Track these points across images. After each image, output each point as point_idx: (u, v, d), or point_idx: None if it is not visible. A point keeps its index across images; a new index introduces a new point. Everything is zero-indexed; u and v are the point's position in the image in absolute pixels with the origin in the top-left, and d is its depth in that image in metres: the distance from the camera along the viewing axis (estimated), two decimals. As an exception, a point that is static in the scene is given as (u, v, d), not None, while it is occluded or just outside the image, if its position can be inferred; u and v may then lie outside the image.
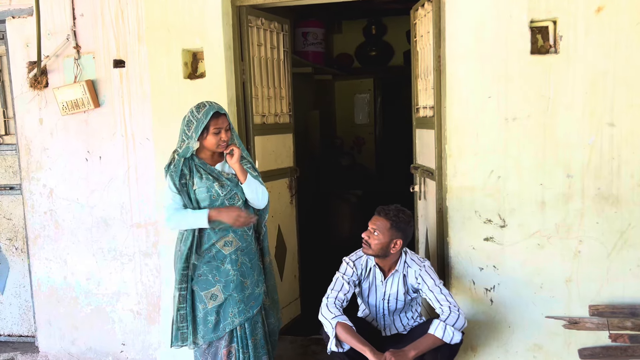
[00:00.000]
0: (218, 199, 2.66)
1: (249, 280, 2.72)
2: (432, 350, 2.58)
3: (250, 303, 2.72)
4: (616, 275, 2.80)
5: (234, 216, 2.61)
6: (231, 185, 2.67)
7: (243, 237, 2.72)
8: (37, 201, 3.57)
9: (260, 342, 2.77)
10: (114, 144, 3.40)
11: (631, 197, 2.75)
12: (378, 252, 2.70)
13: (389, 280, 2.78)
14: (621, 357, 2.81)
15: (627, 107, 2.70)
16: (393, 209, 2.70)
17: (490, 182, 2.87)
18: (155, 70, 3.25)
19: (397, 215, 2.67)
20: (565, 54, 2.73)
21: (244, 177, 2.65)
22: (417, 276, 2.71)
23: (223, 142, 2.63)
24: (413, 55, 3.47)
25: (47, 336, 3.67)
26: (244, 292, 2.70)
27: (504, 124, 2.82)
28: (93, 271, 3.53)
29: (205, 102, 2.64)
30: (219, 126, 2.60)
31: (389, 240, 2.67)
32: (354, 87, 7.11)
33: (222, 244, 2.69)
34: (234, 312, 2.68)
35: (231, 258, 2.69)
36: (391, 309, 2.82)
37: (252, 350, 2.72)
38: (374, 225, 2.69)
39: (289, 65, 3.77)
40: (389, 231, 2.66)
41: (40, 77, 3.42)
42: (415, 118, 3.48)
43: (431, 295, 2.65)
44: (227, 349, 2.72)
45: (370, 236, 2.69)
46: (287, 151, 3.76)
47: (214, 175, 2.67)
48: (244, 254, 2.73)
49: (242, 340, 2.72)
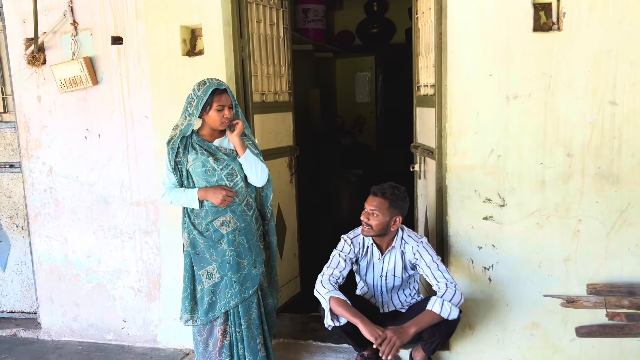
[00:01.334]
0: (214, 174, 2.65)
1: (245, 261, 2.73)
2: (430, 328, 2.61)
3: (246, 284, 2.73)
4: (615, 254, 2.80)
5: (221, 196, 2.62)
6: (228, 159, 2.66)
7: (242, 217, 2.72)
8: (37, 179, 3.57)
9: (254, 322, 2.77)
10: (112, 122, 3.38)
11: (631, 176, 2.73)
12: (379, 232, 2.71)
13: (386, 257, 2.79)
14: (617, 335, 2.83)
15: (630, 86, 2.67)
16: (388, 187, 2.71)
17: (490, 161, 2.86)
18: (154, 47, 3.22)
19: (394, 193, 2.69)
20: (569, 31, 2.69)
21: (242, 151, 2.64)
22: (414, 252, 2.73)
23: (226, 120, 2.63)
24: (414, 32, 3.43)
25: (49, 313, 3.70)
26: (240, 273, 2.71)
27: (505, 102, 2.79)
28: (93, 249, 3.55)
29: (207, 80, 2.64)
30: (222, 103, 2.60)
31: (389, 219, 2.68)
32: (355, 65, 7.05)
33: (220, 223, 2.69)
34: (230, 294, 2.70)
35: (228, 238, 2.69)
36: (389, 286, 2.84)
37: (246, 329, 2.73)
38: (371, 207, 2.69)
39: (288, 43, 3.73)
40: (388, 210, 2.67)
41: (37, 54, 3.39)
42: (416, 96, 3.45)
43: (428, 271, 2.66)
44: (222, 326, 2.75)
45: (370, 217, 2.69)
46: (287, 130, 3.74)
47: (210, 151, 2.67)
48: (242, 234, 2.72)
49: (236, 320, 2.74)
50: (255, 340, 2.77)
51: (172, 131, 2.71)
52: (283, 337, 3.35)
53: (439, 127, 2.93)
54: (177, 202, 2.71)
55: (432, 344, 2.73)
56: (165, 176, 2.74)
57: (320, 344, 3.25)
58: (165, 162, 2.72)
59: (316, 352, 3.16)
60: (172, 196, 2.71)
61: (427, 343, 2.73)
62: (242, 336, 2.74)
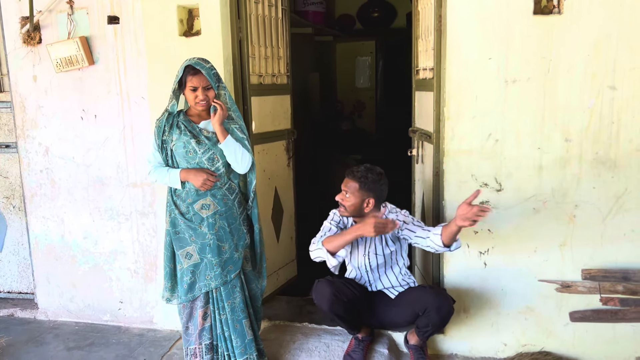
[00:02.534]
0: (195, 157, 2.64)
1: (226, 245, 2.71)
2: (424, 319, 2.67)
3: (227, 267, 2.71)
4: (610, 239, 2.80)
5: (201, 180, 2.61)
6: (209, 144, 2.64)
7: (222, 201, 2.70)
8: (33, 159, 3.56)
9: (239, 306, 2.74)
10: (109, 102, 3.36)
11: (629, 162, 2.72)
12: (353, 213, 2.75)
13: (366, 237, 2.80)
14: (611, 320, 2.84)
15: (629, 70, 2.65)
16: (362, 169, 2.74)
17: (488, 146, 2.84)
18: (150, 27, 3.19)
19: (366, 175, 2.71)
20: (569, 15, 2.66)
21: (222, 137, 2.61)
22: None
23: (200, 101, 2.60)
24: (414, 15, 3.39)
25: (46, 293, 3.72)
26: (221, 257, 2.69)
27: (504, 86, 2.77)
28: (90, 230, 3.55)
29: (190, 58, 2.62)
30: (194, 85, 2.57)
31: (360, 200, 2.72)
32: (355, 49, 7.01)
33: (200, 207, 2.68)
34: (211, 276, 2.69)
35: (208, 222, 2.67)
36: (372, 265, 2.86)
37: (230, 313, 2.72)
38: (345, 188, 2.74)
39: (287, 25, 3.70)
40: (359, 192, 2.70)
41: (33, 33, 3.36)
42: (415, 80, 3.43)
43: (416, 228, 2.73)
44: (203, 309, 2.74)
45: (344, 198, 2.74)
46: (285, 113, 3.72)
47: (194, 133, 2.65)
48: (223, 218, 2.70)
49: (218, 303, 2.73)
50: (241, 323, 2.75)
51: (163, 110, 2.71)
52: (279, 320, 3.36)
53: (437, 111, 2.91)
54: (160, 180, 2.71)
55: (426, 333, 2.76)
56: (151, 154, 2.74)
57: (315, 326, 3.27)
58: (152, 140, 2.72)
59: (311, 334, 3.18)
60: (156, 175, 2.72)
61: (421, 331, 2.76)
62: (226, 319, 2.73)
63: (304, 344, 3.09)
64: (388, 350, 3.00)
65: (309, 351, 3.03)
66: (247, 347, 2.75)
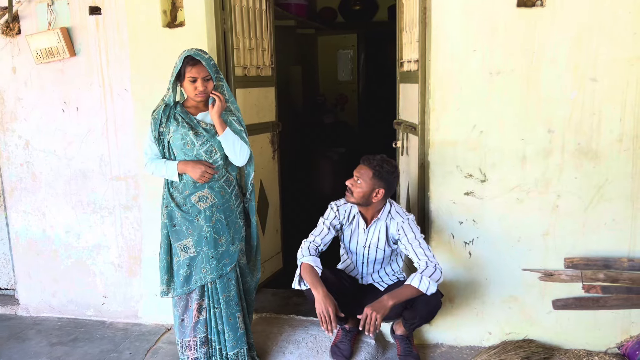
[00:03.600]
0: (193, 149, 2.62)
1: (223, 237, 2.70)
2: (412, 311, 2.68)
3: (224, 260, 2.70)
4: (592, 229, 2.86)
5: (199, 172, 2.59)
6: (207, 136, 2.62)
7: (220, 194, 2.69)
8: (13, 153, 3.49)
9: (233, 299, 2.74)
10: (91, 94, 3.31)
11: (610, 152, 2.77)
12: (360, 201, 2.73)
13: (371, 228, 2.81)
14: (593, 307, 2.90)
15: (610, 62, 2.70)
16: (378, 158, 2.72)
17: (473, 137, 2.87)
18: (133, 18, 3.15)
19: (381, 165, 2.70)
20: (552, 7, 2.69)
21: (221, 129, 2.59)
22: (398, 228, 2.75)
23: (200, 93, 2.57)
24: (398, 7, 3.41)
25: (27, 289, 3.66)
26: (217, 249, 2.68)
27: (488, 78, 2.80)
28: (72, 224, 3.50)
29: (189, 49, 2.59)
30: (194, 75, 2.54)
31: (371, 189, 2.70)
32: (337, 42, 7.00)
33: (197, 199, 2.66)
34: (207, 269, 2.67)
35: (205, 214, 2.66)
36: (371, 258, 2.87)
37: (224, 306, 2.71)
38: (357, 174, 2.72)
39: (271, 16, 3.68)
40: (371, 180, 2.69)
41: (12, 24, 3.29)
42: (400, 72, 3.45)
43: (409, 247, 2.69)
44: (198, 302, 2.73)
45: (354, 184, 2.72)
46: (269, 105, 3.71)
47: (191, 124, 2.63)
48: (220, 210, 2.69)
49: (213, 296, 2.72)
50: (235, 317, 2.75)
51: (159, 102, 2.67)
52: (265, 312, 3.36)
53: (422, 102, 2.93)
54: (157, 173, 2.68)
55: (413, 325, 2.78)
56: (148, 147, 2.70)
57: (302, 318, 3.28)
58: (149, 132, 2.68)
59: (298, 326, 3.19)
60: (153, 167, 2.69)
61: (408, 323, 2.78)
62: (220, 312, 2.72)
63: (291, 335, 3.10)
64: (375, 341, 3.02)
65: (297, 343, 3.04)
66: (239, 340, 2.75)
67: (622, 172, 2.78)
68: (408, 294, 2.56)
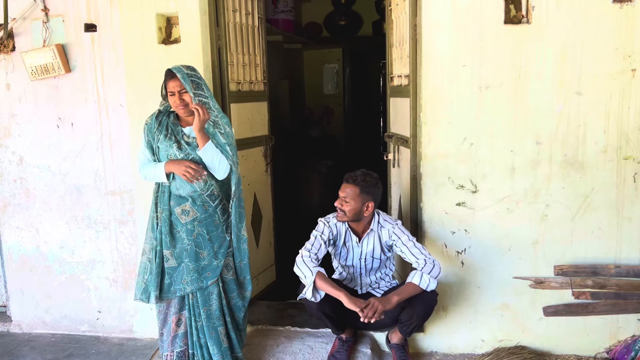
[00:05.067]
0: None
1: (205, 252, 2.72)
2: (408, 311, 2.73)
3: (205, 274, 2.72)
4: (579, 237, 2.96)
5: (183, 168, 2.63)
6: (189, 149, 2.68)
7: (202, 208, 2.72)
8: (7, 169, 3.49)
9: (214, 313, 2.75)
10: (86, 110, 3.34)
11: (595, 163, 2.88)
12: (352, 218, 2.81)
13: (364, 240, 2.88)
14: (582, 313, 2.99)
15: (594, 77, 2.81)
16: (360, 174, 2.80)
17: (463, 149, 2.96)
18: (129, 35, 3.19)
19: (365, 179, 2.79)
20: (537, 24, 2.81)
21: (202, 143, 2.63)
22: (390, 234, 2.84)
23: (177, 105, 2.64)
24: (387, 24, 3.50)
25: (20, 305, 3.64)
26: (198, 263, 2.71)
27: (478, 92, 2.90)
28: (67, 239, 3.50)
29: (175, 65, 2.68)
30: (171, 90, 2.63)
31: (361, 205, 2.78)
32: (322, 56, 7.10)
33: (180, 212, 2.71)
34: (187, 280, 2.70)
35: (187, 228, 2.70)
36: (368, 268, 2.94)
37: (205, 320, 2.73)
38: (344, 193, 2.79)
39: (263, 32, 3.75)
40: (359, 196, 2.77)
41: (6, 41, 3.31)
42: (390, 87, 3.53)
43: (405, 249, 2.78)
44: (176, 316, 2.75)
45: (343, 204, 2.79)
46: (262, 119, 3.76)
47: (177, 137, 2.70)
48: (202, 225, 2.72)
49: (195, 309, 2.74)
50: (217, 330, 2.76)
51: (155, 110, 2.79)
52: (261, 324, 3.38)
53: (414, 116, 3.01)
54: (149, 176, 2.74)
55: (410, 326, 2.82)
56: (141, 152, 2.79)
57: (298, 329, 3.30)
58: (142, 137, 2.77)
59: (294, 337, 3.21)
60: (145, 171, 2.76)
61: (405, 325, 2.83)
62: (202, 325, 2.74)
63: (287, 347, 3.13)
64: (371, 350, 3.07)
65: (293, 354, 3.06)
66: (224, 354, 2.76)
67: (607, 181, 2.88)
68: (410, 291, 2.65)
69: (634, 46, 2.76)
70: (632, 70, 2.78)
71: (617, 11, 2.75)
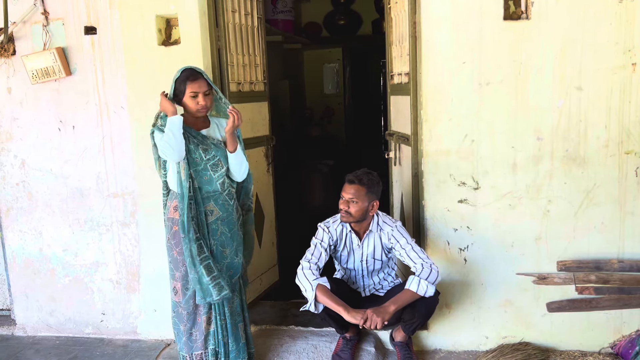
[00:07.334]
0: (201, 164, 2.67)
1: (228, 250, 2.75)
2: (410, 310, 2.72)
3: (229, 272, 2.76)
4: (582, 232, 2.95)
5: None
6: (214, 149, 2.68)
7: (224, 207, 2.73)
8: (9, 172, 3.50)
9: (236, 310, 2.80)
10: (87, 113, 3.34)
11: (597, 158, 2.88)
12: (358, 218, 2.80)
13: (364, 242, 2.87)
14: (585, 309, 2.98)
15: (594, 72, 2.81)
16: (363, 173, 2.80)
17: (465, 146, 2.96)
18: (129, 37, 3.20)
19: (369, 178, 2.79)
20: (537, 20, 2.81)
21: (233, 147, 2.67)
22: (389, 237, 2.83)
23: (201, 107, 2.62)
24: (387, 22, 3.50)
25: (24, 309, 3.64)
26: (223, 261, 2.74)
27: (478, 89, 2.89)
28: (70, 242, 3.50)
29: (184, 66, 2.65)
30: (195, 90, 2.59)
31: (367, 204, 2.77)
32: (322, 56, 7.10)
33: (206, 212, 2.70)
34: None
35: (212, 227, 2.71)
36: (369, 269, 2.93)
37: (229, 317, 2.76)
38: (349, 194, 2.77)
39: (263, 33, 3.75)
40: (366, 196, 2.76)
41: (7, 45, 3.31)
42: (390, 85, 3.53)
43: (403, 252, 2.77)
44: (207, 315, 2.76)
45: (350, 205, 2.77)
46: (263, 119, 3.77)
47: (198, 140, 2.67)
48: (224, 223, 2.74)
49: (220, 308, 2.76)
50: (237, 327, 2.81)
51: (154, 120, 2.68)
52: (265, 324, 3.39)
53: (415, 114, 3.01)
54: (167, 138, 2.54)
55: (412, 325, 2.82)
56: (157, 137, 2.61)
57: (302, 328, 3.31)
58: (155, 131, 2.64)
59: (298, 336, 3.22)
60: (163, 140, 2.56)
61: (408, 324, 2.83)
62: (226, 324, 2.76)
63: (291, 346, 3.13)
64: (375, 349, 3.07)
65: (297, 353, 3.07)
66: (241, 350, 2.80)
67: (609, 176, 2.88)
68: (408, 298, 2.63)
69: (634, 40, 2.76)
70: (632, 64, 2.78)
71: (616, 5, 2.75)
